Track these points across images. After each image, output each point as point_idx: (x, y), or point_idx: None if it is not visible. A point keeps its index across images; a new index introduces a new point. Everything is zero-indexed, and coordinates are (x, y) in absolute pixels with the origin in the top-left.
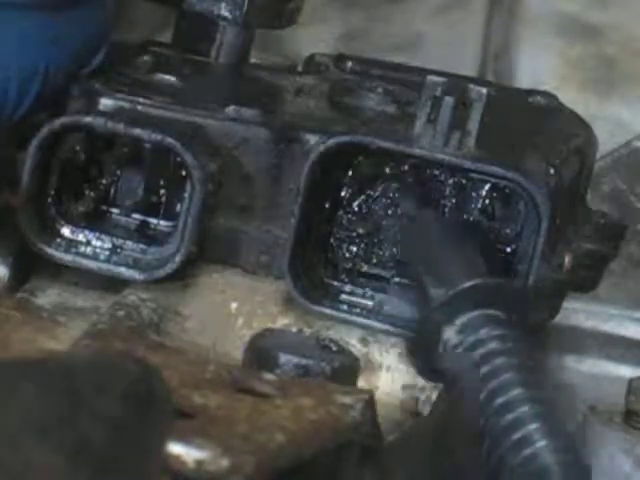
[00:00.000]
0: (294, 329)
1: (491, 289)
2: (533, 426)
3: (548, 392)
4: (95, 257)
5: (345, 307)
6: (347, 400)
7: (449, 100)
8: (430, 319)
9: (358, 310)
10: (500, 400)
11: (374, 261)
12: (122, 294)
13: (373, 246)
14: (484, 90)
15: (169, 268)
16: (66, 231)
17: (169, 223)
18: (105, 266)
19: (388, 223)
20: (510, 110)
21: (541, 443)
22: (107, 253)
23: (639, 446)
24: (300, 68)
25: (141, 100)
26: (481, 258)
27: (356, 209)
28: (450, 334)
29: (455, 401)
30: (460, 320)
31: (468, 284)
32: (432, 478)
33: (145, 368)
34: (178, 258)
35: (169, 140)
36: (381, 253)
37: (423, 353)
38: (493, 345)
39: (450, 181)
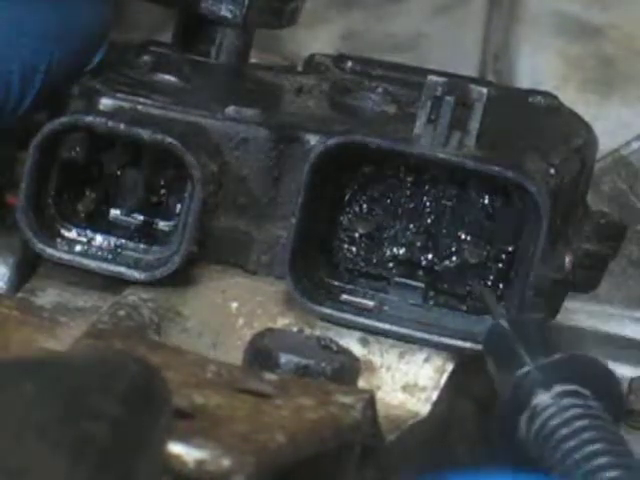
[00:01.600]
0: (294, 329)
1: (585, 364)
2: (612, 474)
3: (629, 450)
4: (95, 257)
5: (346, 307)
6: (347, 400)
7: (449, 100)
8: (524, 383)
9: (358, 310)
10: (583, 452)
11: (374, 261)
12: (122, 294)
13: (373, 246)
14: (484, 90)
15: (169, 268)
16: (66, 231)
17: (169, 223)
18: (105, 266)
19: (388, 223)
20: (510, 110)
21: None
22: (107, 253)
23: (639, 446)
24: (300, 68)
25: (141, 100)
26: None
27: (356, 209)
28: (544, 397)
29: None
30: (555, 389)
31: (568, 354)
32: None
33: (145, 368)
34: (178, 258)
35: (169, 140)
36: (381, 253)
37: (511, 414)
38: (580, 410)
39: (450, 181)
